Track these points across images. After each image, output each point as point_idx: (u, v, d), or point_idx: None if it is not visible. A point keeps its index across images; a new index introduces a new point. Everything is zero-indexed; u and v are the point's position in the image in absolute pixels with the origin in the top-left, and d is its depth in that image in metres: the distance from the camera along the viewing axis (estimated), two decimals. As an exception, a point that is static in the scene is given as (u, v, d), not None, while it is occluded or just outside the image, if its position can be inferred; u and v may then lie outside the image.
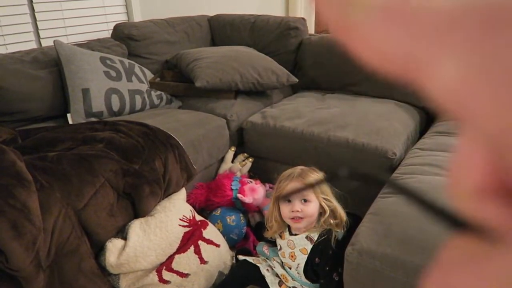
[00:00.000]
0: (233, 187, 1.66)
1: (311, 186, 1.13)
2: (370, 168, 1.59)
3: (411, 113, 1.90)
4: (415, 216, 1.05)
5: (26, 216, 1.02)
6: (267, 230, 1.31)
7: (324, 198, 1.20)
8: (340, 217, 1.21)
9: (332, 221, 1.20)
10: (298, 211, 1.18)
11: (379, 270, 0.97)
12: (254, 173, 1.89)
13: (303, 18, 2.44)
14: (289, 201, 1.20)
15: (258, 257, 1.39)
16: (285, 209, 1.20)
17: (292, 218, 1.20)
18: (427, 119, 2.02)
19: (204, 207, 1.69)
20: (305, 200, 1.19)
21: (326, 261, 1.18)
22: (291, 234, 1.26)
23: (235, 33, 2.51)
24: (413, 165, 1.37)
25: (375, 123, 1.71)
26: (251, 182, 1.71)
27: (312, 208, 1.19)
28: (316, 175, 1.23)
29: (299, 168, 1.25)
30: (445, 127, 1.73)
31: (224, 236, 1.52)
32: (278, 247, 1.31)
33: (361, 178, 0.20)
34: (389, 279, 0.96)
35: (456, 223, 0.13)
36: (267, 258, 1.36)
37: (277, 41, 2.38)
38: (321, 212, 1.22)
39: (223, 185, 1.67)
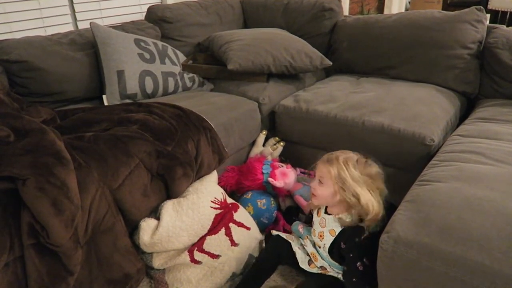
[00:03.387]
0: (264, 171, 1.65)
1: None
2: (406, 155, 1.54)
3: (451, 98, 1.82)
4: (454, 204, 1.01)
5: (65, 194, 1.05)
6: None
7: (342, 187, 1.16)
8: (374, 213, 1.14)
9: (363, 214, 1.16)
10: (314, 188, 1.23)
11: (415, 260, 0.94)
12: (285, 158, 1.87)
13: (338, -1, 2.36)
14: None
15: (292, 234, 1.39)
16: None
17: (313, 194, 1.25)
18: (468, 104, 1.93)
19: (235, 190, 1.70)
20: (321, 182, 1.21)
21: (350, 247, 1.16)
22: (325, 212, 1.26)
23: (268, 15, 2.47)
24: (453, 152, 1.31)
25: (412, 108, 1.64)
26: (282, 166, 1.69)
27: (323, 191, 1.20)
28: (375, 168, 1.20)
29: (356, 156, 1.21)
30: (488, 113, 1.65)
31: (254, 219, 1.52)
32: (313, 224, 1.32)
33: None
34: (426, 270, 0.93)
35: None
36: (300, 237, 1.36)
37: (310, 23, 2.32)
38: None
39: (254, 169, 1.67)
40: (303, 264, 1.30)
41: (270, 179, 1.61)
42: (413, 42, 1.97)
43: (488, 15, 2.94)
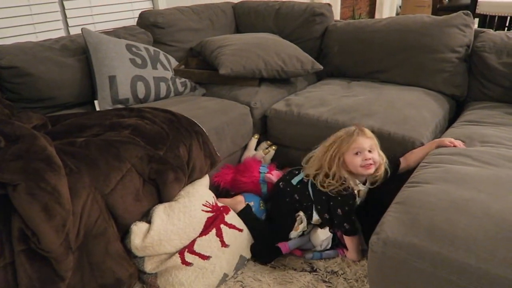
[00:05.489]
0: (261, 171, 1.67)
1: None
2: (396, 158, 1.56)
3: (440, 101, 1.85)
4: (442, 206, 1.02)
5: (56, 199, 1.05)
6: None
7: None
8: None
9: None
10: (370, 158, 1.36)
11: (404, 261, 0.95)
12: (277, 161, 1.88)
13: (328, 4, 2.39)
14: (356, 154, 1.37)
15: None
16: (358, 159, 1.37)
17: (364, 166, 1.37)
18: (457, 107, 1.96)
19: (229, 188, 1.70)
20: (370, 151, 1.38)
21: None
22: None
23: (260, 20, 2.48)
24: (441, 155, 1.33)
25: (402, 112, 1.66)
26: (278, 171, 1.71)
27: (377, 158, 1.39)
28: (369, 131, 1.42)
29: (353, 127, 1.43)
30: (476, 116, 1.67)
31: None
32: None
33: None
34: (415, 270, 0.94)
35: None
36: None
37: (302, 27, 2.34)
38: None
39: (251, 167, 1.69)
40: None
41: (267, 175, 1.63)
42: (402, 46, 2.00)
43: (477, 19, 2.99)
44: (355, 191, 1.41)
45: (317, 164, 1.44)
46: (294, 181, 1.50)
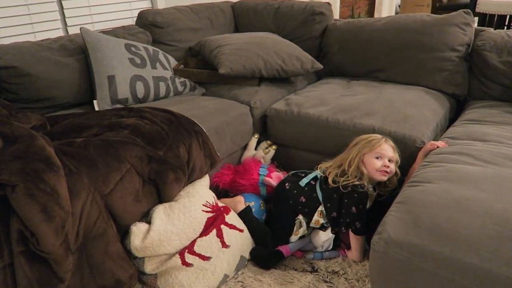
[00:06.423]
0: (260, 173, 1.66)
1: None
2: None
3: (441, 100, 1.84)
4: (444, 205, 1.02)
5: (55, 200, 1.04)
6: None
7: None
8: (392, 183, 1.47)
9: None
10: (388, 166, 1.41)
11: (406, 261, 0.95)
12: (277, 161, 1.88)
13: (328, 3, 2.38)
14: (377, 158, 1.42)
15: None
16: (378, 163, 1.42)
17: (381, 171, 1.42)
18: (457, 106, 1.95)
19: (228, 189, 1.70)
20: (390, 160, 1.43)
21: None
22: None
23: (259, 19, 2.48)
24: (442, 154, 1.32)
25: (402, 111, 1.66)
26: (278, 172, 1.70)
27: (394, 168, 1.44)
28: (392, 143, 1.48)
29: (379, 135, 1.49)
30: (476, 115, 1.67)
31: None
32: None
33: None
34: (417, 270, 0.93)
35: None
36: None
37: (301, 26, 2.34)
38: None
39: (251, 169, 1.68)
40: None
41: (266, 178, 1.62)
42: (402, 45, 1.99)
43: (476, 18, 2.98)
44: (369, 193, 1.41)
45: (338, 162, 1.48)
46: (302, 183, 1.49)
